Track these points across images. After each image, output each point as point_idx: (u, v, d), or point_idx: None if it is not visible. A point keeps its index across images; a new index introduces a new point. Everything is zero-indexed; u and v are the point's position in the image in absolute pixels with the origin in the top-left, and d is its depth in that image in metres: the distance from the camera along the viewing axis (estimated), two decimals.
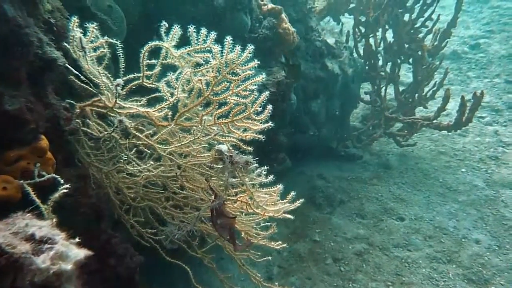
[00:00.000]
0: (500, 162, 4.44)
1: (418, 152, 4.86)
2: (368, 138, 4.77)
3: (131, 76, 1.66)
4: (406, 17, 4.70)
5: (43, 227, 0.83)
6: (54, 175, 1.25)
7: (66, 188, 1.18)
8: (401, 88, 4.99)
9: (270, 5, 2.92)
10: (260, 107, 1.76)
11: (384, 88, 4.78)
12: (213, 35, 1.69)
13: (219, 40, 2.58)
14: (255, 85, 1.76)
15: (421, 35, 4.77)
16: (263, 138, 1.82)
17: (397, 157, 4.79)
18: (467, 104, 4.04)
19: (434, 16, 4.71)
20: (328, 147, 4.64)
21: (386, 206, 3.88)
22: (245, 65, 1.70)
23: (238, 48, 1.67)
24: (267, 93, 1.74)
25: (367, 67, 4.89)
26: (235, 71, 1.71)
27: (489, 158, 4.53)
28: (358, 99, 4.90)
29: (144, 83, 1.70)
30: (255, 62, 1.69)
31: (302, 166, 4.39)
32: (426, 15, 4.75)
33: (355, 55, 4.76)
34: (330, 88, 4.11)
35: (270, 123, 1.80)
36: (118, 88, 1.51)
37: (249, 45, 1.65)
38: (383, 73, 4.81)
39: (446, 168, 4.45)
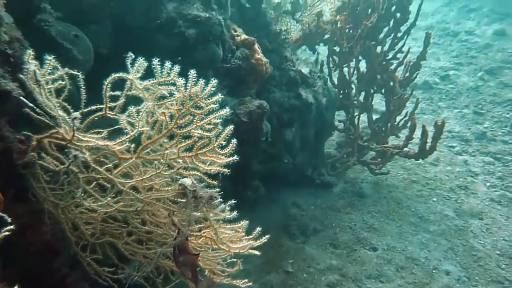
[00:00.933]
0: (469, 192, 4.54)
1: (392, 181, 4.92)
2: (342, 166, 4.81)
3: (93, 107, 1.63)
4: (378, 49, 4.86)
5: None
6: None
7: (9, 230, 1.11)
8: (375, 117, 5.10)
9: (243, 36, 2.96)
10: (225, 140, 1.75)
11: (357, 117, 4.87)
12: (176, 68, 1.68)
13: (188, 74, 2.58)
14: (225, 116, 1.75)
15: (392, 67, 4.92)
16: (229, 172, 1.80)
17: (371, 185, 4.83)
18: (436, 132, 4.13)
19: (404, 49, 4.88)
20: (303, 174, 4.65)
21: (359, 236, 3.87)
22: (209, 99, 1.70)
23: (201, 81, 1.67)
24: (231, 126, 1.74)
25: (341, 96, 4.99)
26: (199, 104, 1.70)
27: (459, 188, 4.63)
28: (332, 127, 4.97)
29: (107, 115, 1.66)
30: (219, 96, 1.69)
31: (277, 194, 4.37)
32: (397, 47, 4.91)
33: (329, 84, 4.85)
34: (304, 116, 4.16)
35: (235, 157, 1.79)
36: (76, 121, 1.47)
37: (212, 79, 1.66)
38: (356, 102, 4.91)
39: (418, 197, 4.51)
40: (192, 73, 1.63)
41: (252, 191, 3.93)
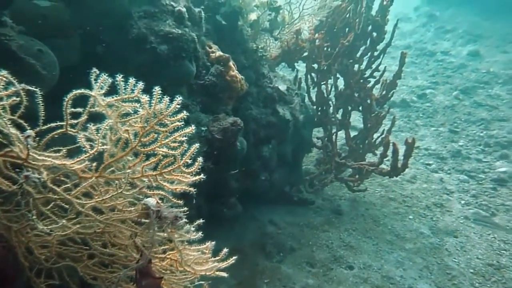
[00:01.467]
0: (444, 209, 4.59)
1: (369, 198, 4.93)
2: (320, 183, 4.80)
3: (53, 124, 1.58)
4: (356, 67, 4.94)
5: None
6: None
7: None
8: (353, 133, 5.15)
9: (218, 53, 2.95)
10: (190, 159, 1.71)
11: (335, 134, 4.90)
12: (140, 84, 1.64)
13: (161, 89, 2.53)
14: (192, 134, 1.71)
15: (369, 85, 4.99)
16: (195, 191, 1.75)
17: (349, 202, 4.83)
18: (407, 150, 4.17)
19: (381, 68, 4.97)
20: (280, 191, 4.61)
21: (336, 254, 3.83)
22: (175, 116, 1.66)
23: (166, 99, 1.64)
24: (197, 145, 1.70)
25: (319, 113, 5.02)
26: (164, 122, 1.66)
27: (434, 206, 4.67)
28: (310, 144, 4.97)
29: (68, 132, 1.61)
30: (184, 114, 1.66)
31: (254, 211, 4.31)
32: (374, 66, 5.00)
33: (307, 101, 4.88)
34: (281, 133, 4.14)
35: (201, 176, 1.75)
36: (29, 139, 1.40)
37: (177, 96, 1.63)
38: (334, 119, 4.94)
39: (395, 215, 4.52)
40: (157, 90, 1.61)
41: (229, 208, 3.86)
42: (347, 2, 4.68)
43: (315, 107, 5.01)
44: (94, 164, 1.65)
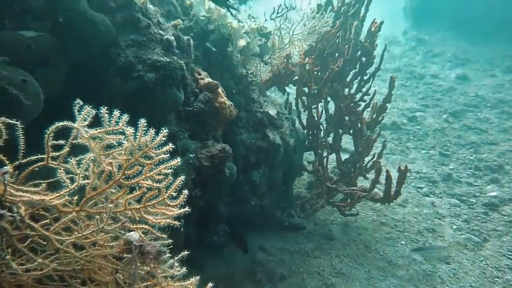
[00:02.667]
0: (436, 234, 4.55)
1: (361, 222, 4.89)
2: (312, 208, 4.75)
3: (33, 157, 1.55)
4: (346, 91, 4.98)
5: None
6: None
7: None
8: (346, 156, 5.14)
9: (207, 80, 2.95)
10: (176, 191, 1.68)
11: (326, 158, 4.88)
12: (125, 117, 1.61)
13: (148, 117, 2.51)
14: (177, 165, 1.68)
15: (360, 108, 5.02)
16: (180, 224, 1.71)
17: (341, 227, 4.77)
18: (400, 177, 4.16)
19: (371, 92, 5.01)
20: (271, 216, 4.54)
21: (328, 282, 3.76)
22: (160, 148, 1.63)
23: (152, 131, 1.62)
24: (182, 177, 1.66)
25: (310, 137, 5.03)
26: (148, 154, 1.63)
27: (426, 230, 4.63)
28: (301, 168, 4.95)
29: (49, 165, 1.57)
30: (170, 146, 1.63)
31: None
32: (363, 90, 5.05)
33: (297, 125, 4.89)
34: (271, 158, 4.12)
35: (186, 209, 1.71)
36: (6, 175, 1.36)
37: (163, 128, 1.61)
38: (325, 143, 4.94)
39: (387, 240, 4.47)
40: (142, 122, 1.58)
41: (218, 235, 3.80)
42: (336, 28, 4.76)
43: (305, 131, 5.02)
44: (76, 197, 1.61)
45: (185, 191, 1.67)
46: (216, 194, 3.40)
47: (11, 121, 1.49)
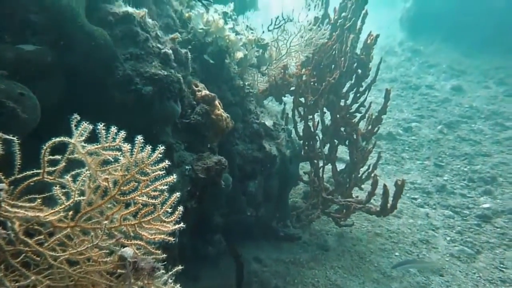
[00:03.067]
0: (430, 246, 4.58)
1: (356, 233, 4.90)
2: (307, 219, 4.76)
3: (29, 172, 1.56)
4: (342, 102, 5.02)
5: None
6: None
7: None
8: (342, 166, 5.17)
9: (204, 92, 2.97)
10: (170, 208, 1.70)
11: (322, 168, 4.91)
12: (122, 133, 1.63)
13: (145, 129, 2.53)
14: (173, 182, 1.70)
15: (355, 120, 5.06)
16: (174, 240, 1.72)
17: (336, 237, 4.79)
18: (396, 191, 4.18)
19: (366, 103, 5.06)
20: (267, 227, 4.55)
21: None
22: (156, 165, 1.65)
23: (148, 148, 1.63)
24: (177, 194, 1.68)
25: (306, 148, 5.05)
26: (145, 170, 1.65)
27: (420, 242, 4.65)
28: (297, 179, 4.97)
29: (45, 179, 1.59)
30: (166, 163, 1.65)
31: (240, 248, 4.22)
32: (359, 101, 5.09)
33: (294, 135, 4.91)
34: (267, 168, 4.14)
35: (181, 224, 1.72)
36: (2, 192, 1.37)
37: (160, 145, 1.62)
38: (321, 154, 4.97)
39: (381, 251, 4.49)
40: (139, 138, 1.60)
41: (213, 246, 3.80)
42: (333, 40, 4.81)
43: (302, 141, 5.05)
44: (71, 212, 1.62)
45: (180, 208, 1.69)
46: (212, 206, 3.41)
47: (7, 137, 1.51)
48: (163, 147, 1.63)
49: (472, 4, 11.66)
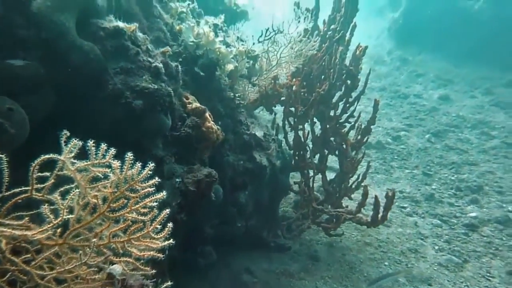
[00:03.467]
0: (419, 255, 4.62)
1: (346, 242, 4.93)
2: (297, 229, 4.78)
3: (17, 190, 1.57)
4: (332, 113, 5.07)
5: None
6: None
7: None
8: (332, 175, 5.21)
9: (195, 105, 2.99)
10: (160, 224, 1.71)
11: (312, 178, 4.94)
12: (112, 150, 1.64)
13: (136, 142, 2.53)
14: (163, 199, 1.71)
15: (345, 130, 5.12)
16: (163, 257, 1.73)
17: (326, 247, 4.81)
18: (387, 202, 4.23)
19: (356, 114, 5.12)
20: (257, 237, 4.55)
21: None
22: (146, 182, 1.66)
23: (138, 165, 1.64)
24: (167, 210, 1.69)
25: (296, 158, 5.08)
26: (134, 187, 1.66)
27: (409, 251, 4.70)
28: (287, 189, 4.99)
29: (34, 196, 1.58)
30: (155, 180, 1.66)
31: (230, 258, 4.22)
32: (349, 111, 5.15)
33: (284, 146, 4.94)
34: (258, 179, 4.16)
35: (171, 241, 1.73)
36: None
37: (150, 162, 1.64)
38: (311, 164, 5.00)
39: (371, 261, 4.52)
40: (129, 155, 1.61)
41: (204, 257, 3.79)
42: (322, 52, 4.88)
43: (292, 151, 5.08)
44: (59, 230, 1.61)
45: (170, 224, 1.70)
46: (203, 218, 3.41)
47: None
48: (152, 164, 1.64)
49: (458, 16, 11.92)
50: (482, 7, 11.63)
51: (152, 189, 1.66)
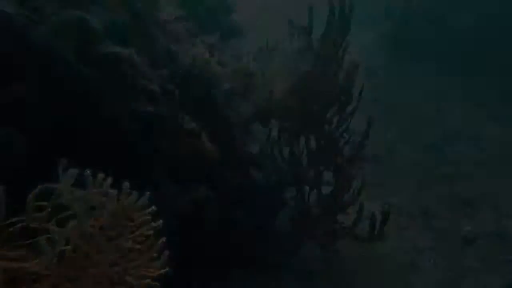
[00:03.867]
0: (415, 270, 4.63)
1: (342, 258, 4.93)
2: (293, 245, 4.79)
3: (15, 219, 1.59)
4: (326, 128, 5.12)
5: None
6: None
7: None
8: (328, 190, 5.22)
9: (191, 126, 3.02)
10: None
11: (307, 194, 4.96)
12: (109, 180, 1.66)
13: (133, 166, 2.55)
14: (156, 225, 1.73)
15: (339, 144, 5.15)
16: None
17: (322, 262, 4.81)
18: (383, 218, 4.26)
19: (350, 128, 5.15)
20: (254, 254, 4.55)
21: None
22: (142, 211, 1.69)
23: (135, 193, 1.67)
24: (163, 238, 1.72)
25: (292, 173, 5.10)
26: (131, 216, 1.68)
27: (405, 266, 4.71)
28: (283, 204, 5.01)
29: (30, 226, 1.60)
30: (152, 208, 1.69)
31: (225, 280, 4.20)
32: (343, 126, 5.19)
33: (279, 162, 4.97)
34: (253, 196, 4.18)
35: (167, 268, 1.75)
36: None
37: (146, 187, 1.66)
38: (306, 180, 5.03)
39: (368, 276, 4.52)
40: (126, 184, 1.64)
41: (200, 277, 3.78)
42: (316, 69, 4.94)
43: (287, 167, 5.10)
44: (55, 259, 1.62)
45: (166, 251, 1.73)
46: (198, 239, 3.40)
47: None
48: (148, 193, 1.67)
49: (450, 28, 12.12)
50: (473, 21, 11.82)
51: (148, 217, 1.69)
